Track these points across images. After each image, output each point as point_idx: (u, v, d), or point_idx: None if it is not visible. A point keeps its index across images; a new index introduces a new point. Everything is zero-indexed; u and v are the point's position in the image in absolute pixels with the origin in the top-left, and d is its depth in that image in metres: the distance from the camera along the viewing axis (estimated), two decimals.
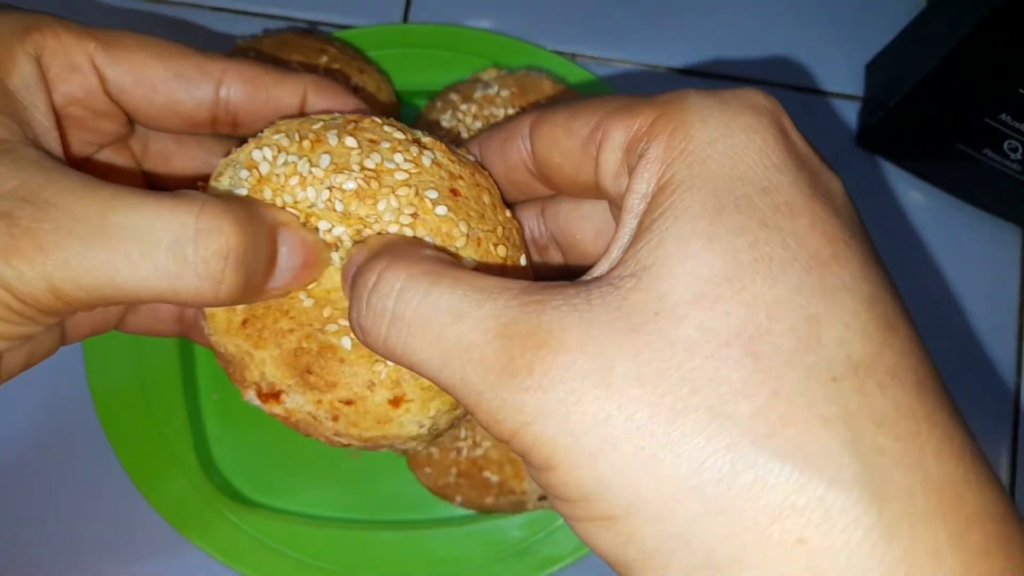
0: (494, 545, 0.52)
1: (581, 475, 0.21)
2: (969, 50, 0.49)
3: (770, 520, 0.19)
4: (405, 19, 0.63)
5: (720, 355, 0.21)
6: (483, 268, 0.29)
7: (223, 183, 0.32)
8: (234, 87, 0.32)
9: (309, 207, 0.31)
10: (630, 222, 0.24)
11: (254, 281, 0.29)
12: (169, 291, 0.27)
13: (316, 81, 0.34)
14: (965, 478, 0.20)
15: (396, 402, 0.30)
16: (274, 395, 0.31)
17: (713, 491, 0.20)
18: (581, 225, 0.33)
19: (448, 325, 0.23)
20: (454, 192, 0.31)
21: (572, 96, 0.54)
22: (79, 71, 0.30)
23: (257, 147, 0.31)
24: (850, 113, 0.62)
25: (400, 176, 0.31)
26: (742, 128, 0.24)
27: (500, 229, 0.32)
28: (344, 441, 0.31)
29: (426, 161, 0.31)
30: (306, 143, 0.31)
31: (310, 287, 0.31)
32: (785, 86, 0.63)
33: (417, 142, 0.32)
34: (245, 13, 0.62)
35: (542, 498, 0.50)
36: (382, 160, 0.31)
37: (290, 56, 0.54)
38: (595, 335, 0.21)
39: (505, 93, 0.52)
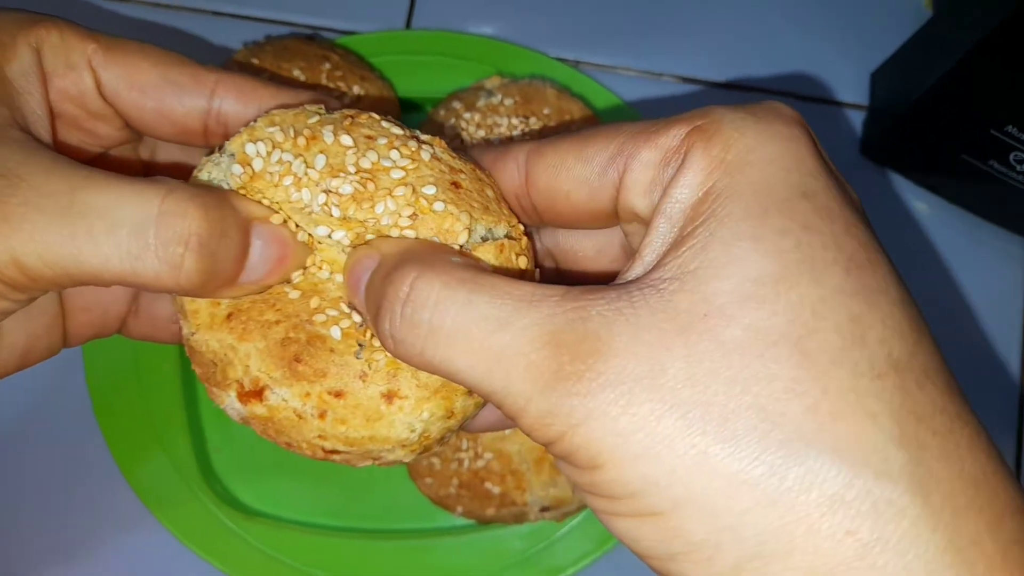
0: (495, 555, 0.52)
1: (629, 473, 0.22)
2: (976, 61, 0.49)
3: (820, 513, 0.20)
4: (408, 25, 0.63)
5: (770, 354, 0.21)
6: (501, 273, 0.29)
7: (202, 176, 0.31)
8: (227, 98, 0.32)
9: (303, 208, 0.30)
10: (661, 226, 0.25)
11: (221, 271, 0.28)
12: (130, 272, 0.27)
13: (313, 97, 0.34)
14: (995, 473, 0.22)
15: (390, 397, 0.29)
16: (256, 393, 0.29)
17: (765, 485, 0.21)
18: (582, 242, 0.33)
19: (492, 334, 0.23)
20: (455, 185, 0.30)
21: (578, 105, 0.54)
22: (75, 69, 0.31)
23: (250, 140, 0.30)
24: (855, 123, 0.62)
25: (396, 174, 0.30)
26: (776, 137, 0.25)
27: (524, 241, 0.31)
28: (328, 446, 0.30)
29: (425, 155, 0.30)
30: (301, 140, 0.30)
31: (296, 280, 0.30)
32: (790, 95, 0.62)
33: (415, 137, 0.31)
34: (247, 19, 0.62)
35: (544, 509, 0.50)
36: (378, 158, 0.30)
37: (292, 62, 0.54)
38: (643, 338, 0.22)
39: (508, 102, 0.52)
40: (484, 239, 0.30)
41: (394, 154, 0.30)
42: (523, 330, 0.23)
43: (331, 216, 0.30)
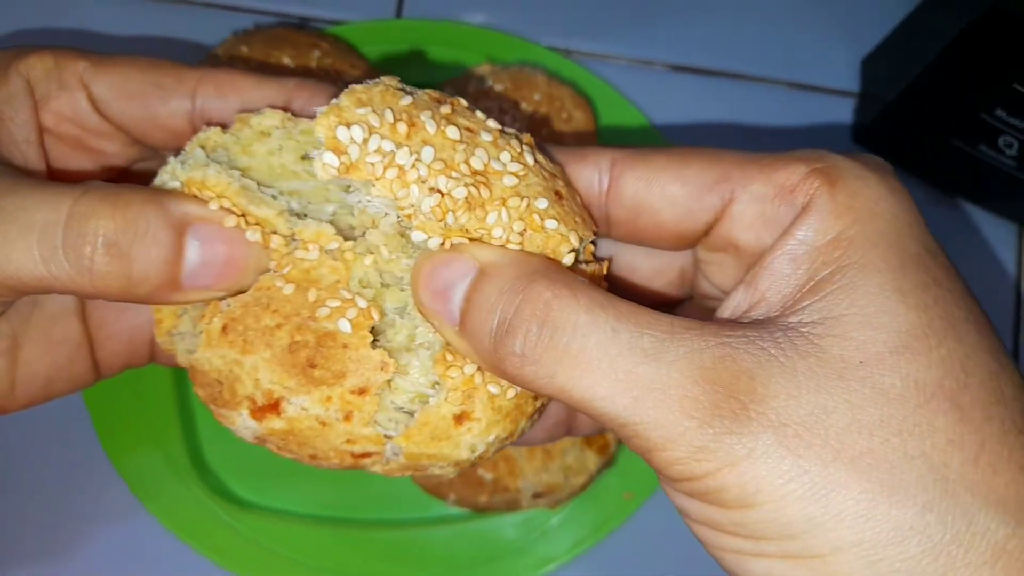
0: (489, 544, 0.51)
1: (792, 514, 0.22)
2: (965, 45, 0.49)
3: (983, 561, 0.21)
4: (398, 14, 0.62)
5: (930, 406, 0.22)
6: None
7: (155, 181, 0.28)
8: (208, 96, 0.32)
9: (405, 208, 0.27)
10: (784, 266, 0.25)
11: (144, 273, 0.27)
12: (47, 276, 0.26)
13: (301, 84, 0.33)
14: None
15: (461, 419, 0.28)
16: (272, 406, 0.27)
17: (932, 533, 0.21)
18: (643, 260, 0.33)
19: (640, 365, 0.23)
20: (558, 195, 0.28)
21: (569, 91, 0.54)
22: (67, 89, 0.31)
23: (341, 123, 0.27)
24: (846, 109, 0.62)
25: (509, 181, 0.27)
26: (894, 192, 0.26)
27: (607, 263, 0.31)
28: (358, 449, 0.28)
29: (529, 159, 0.28)
30: (401, 126, 0.27)
31: (285, 271, 0.28)
32: (781, 82, 0.62)
33: (512, 134, 0.29)
34: (237, 9, 0.62)
35: (537, 495, 0.50)
36: (488, 159, 0.27)
37: (281, 51, 0.53)
38: (800, 382, 0.23)
39: (499, 88, 0.52)
40: (578, 260, 0.29)
41: (504, 156, 0.28)
42: (672, 363, 0.23)
43: (440, 221, 0.27)
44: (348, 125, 0.27)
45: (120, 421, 0.52)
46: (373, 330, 0.28)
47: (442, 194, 0.27)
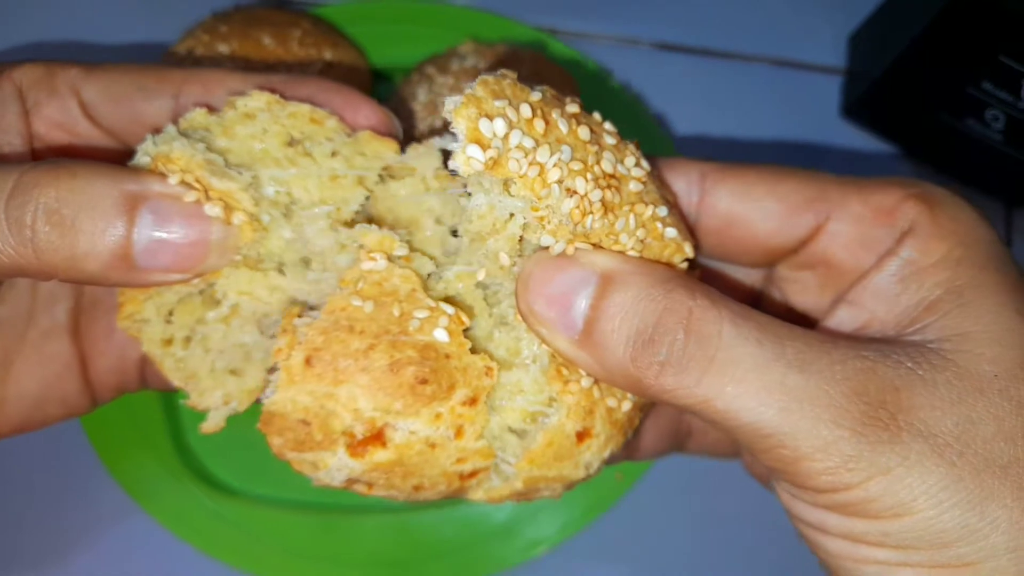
0: (478, 527, 0.51)
1: (945, 522, 0.22)
2: (951, 18, 0.49)
3: None
4: None
5: None
6: None
7: (138, 158, 0.27)
8: (193, 95, 0.31)
9: (540, 209, 0.25)
10: (892, 285, 0.26)
11: (90, 246, 0.25)
12: None
13: (288, 81, 0.32)
14: None
15: (582, 436, 0.27)
16: (375, 436, 0.26)
17: None
18: (727, 270, 0.34)
19: (789, 375, 0.24)
20: (669, 203, 0.28)
21: (555, 68, 0.53)
22: (58, 95, 0.31)
23: (483, 114, 0.25)
24: (834, 86, 0.61)
25: (635, 187, 0.27)
26: (984, 220, 0.27)
27: (699, 272, 0.30)
28: (468, 468, 0.26)
29: (645, 164, 0.28)
30: (539, 123, 0.26)
31: (358, 286, 0.26)
32: (768, 60, 0.62)
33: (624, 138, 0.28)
34: None
35: None
36: (615, 162, 0.27)
37: (261, 30, 0.52)
38: (942, 394, 0.23)
39: (483, 65, 0.51)
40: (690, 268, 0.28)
41: (628, 160, 0.27)
42: (819, 374, 0.23)
43: (575, 224, 0.26)
44: (491, 118, 0.25)
45: (108, 418, 0.51)
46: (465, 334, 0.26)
47: (580, 196, 0.26)
